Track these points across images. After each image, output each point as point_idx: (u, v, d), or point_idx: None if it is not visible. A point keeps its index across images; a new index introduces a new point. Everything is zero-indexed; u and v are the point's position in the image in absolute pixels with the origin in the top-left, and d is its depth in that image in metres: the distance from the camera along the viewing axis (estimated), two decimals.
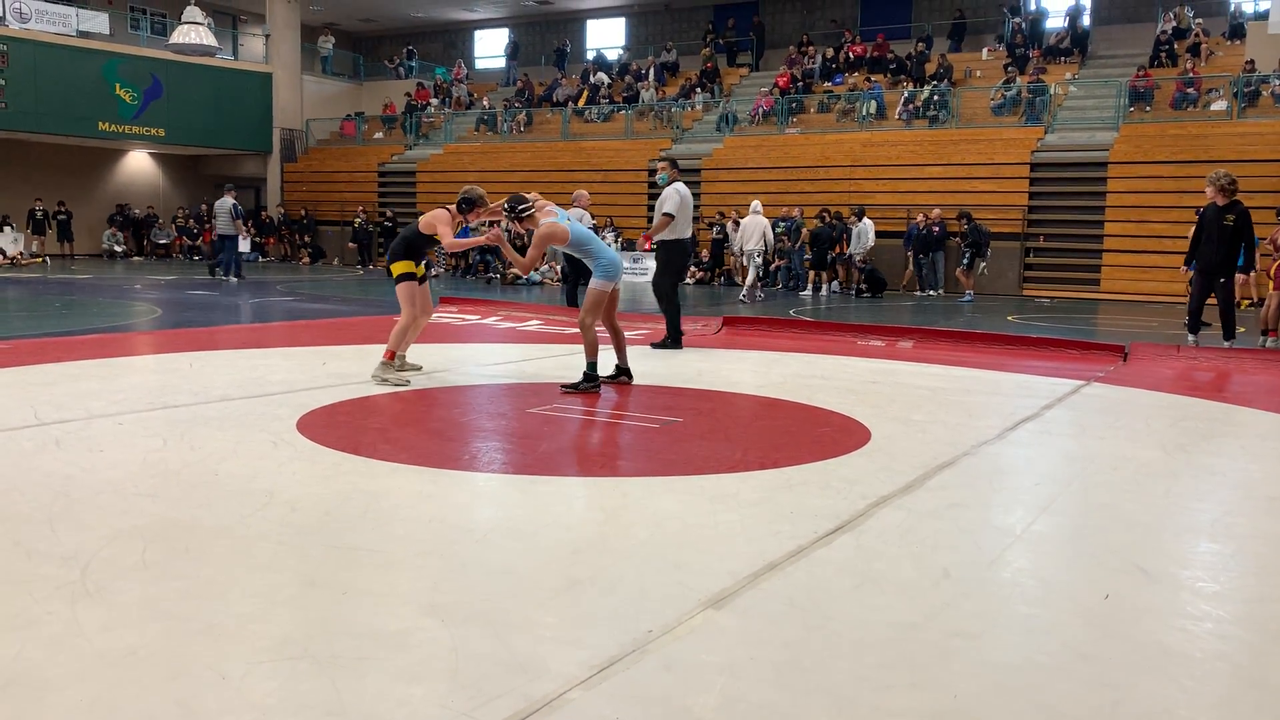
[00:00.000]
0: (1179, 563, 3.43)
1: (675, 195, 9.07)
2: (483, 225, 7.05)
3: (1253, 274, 14.12)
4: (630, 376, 6.96)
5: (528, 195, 6.76)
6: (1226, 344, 9.54)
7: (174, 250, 27.77)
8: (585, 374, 6.53)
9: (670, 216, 9.04)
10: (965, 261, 17.55)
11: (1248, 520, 3.91)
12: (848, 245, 18.58)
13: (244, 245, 18.92)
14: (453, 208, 6.89)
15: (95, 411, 5.35)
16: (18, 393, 5.86)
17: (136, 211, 28.29)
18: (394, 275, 6.92)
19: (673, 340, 9.06)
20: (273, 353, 8.15)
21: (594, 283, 6.62)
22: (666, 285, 9.20)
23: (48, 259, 23.64)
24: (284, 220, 27.61)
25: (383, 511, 3.65)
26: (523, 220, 6.63)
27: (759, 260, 17.86)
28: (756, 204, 18.07)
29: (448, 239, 6.78)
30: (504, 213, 6.70)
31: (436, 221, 6.83)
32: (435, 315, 11.80)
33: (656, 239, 9.23)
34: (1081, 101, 21.62)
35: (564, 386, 6.54)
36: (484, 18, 33.92)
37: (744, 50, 28.11)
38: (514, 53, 31.79)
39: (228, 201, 18.44)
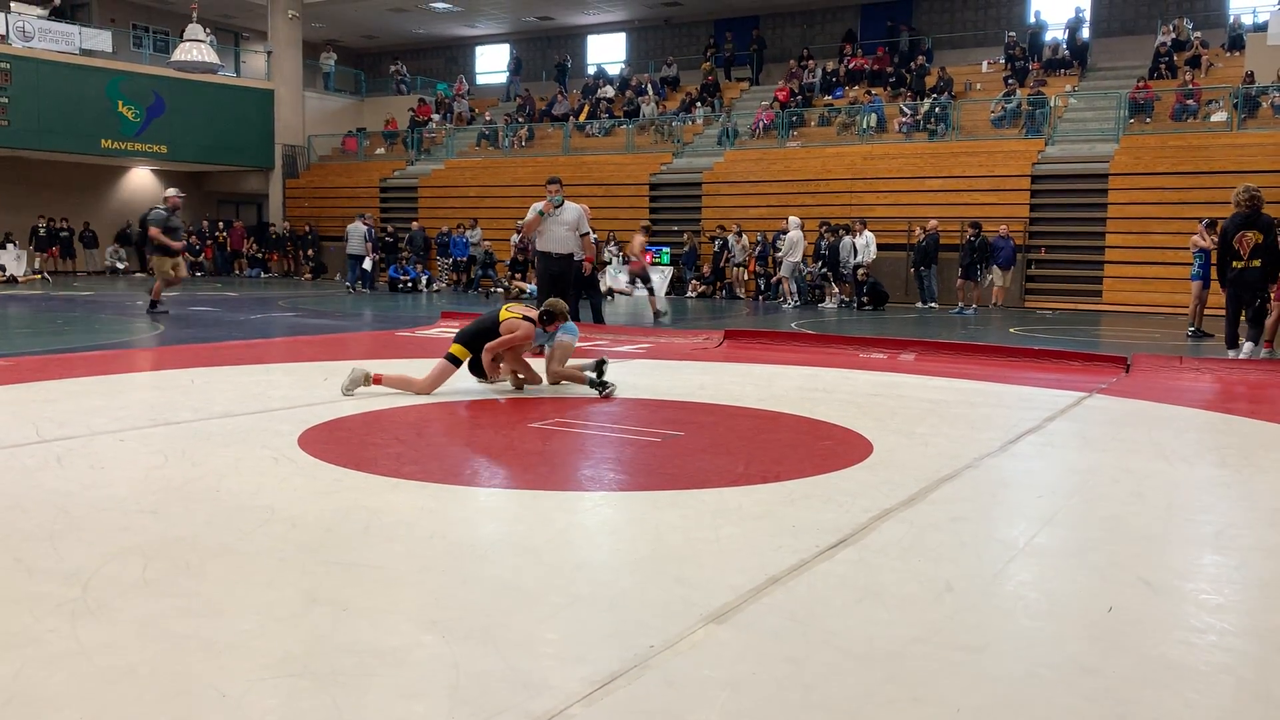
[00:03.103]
0: (1182, 575, 3.42)
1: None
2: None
3: None
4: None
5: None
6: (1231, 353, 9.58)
7: None
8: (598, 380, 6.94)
9: (589, 234, 9.43)
10: (977, 274, 17.53)
11: (1251, 532, 3.90)
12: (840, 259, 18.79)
13: (366, 264, 22.09)
14: (535, 316, 6.95)
15: (97, 428, 5.35)
16: (20, 409, 5.86)
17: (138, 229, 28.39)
18: (450, 351, 6.80)
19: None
20: (274, 368, 8.16)
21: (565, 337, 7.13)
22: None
23: (48, 276, 23.61)
24: (289, 236, 27.68)
25: (384, 527, 3.65)
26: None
27: (805, 271, 18.54)
28: (797, 220, 18.66)
29: (498, 344, 6.77)
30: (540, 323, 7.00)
31: (515, 331, 6.77)
32: (437, 330, 11.83)
33: (557, 253, 9.56)
34: (1082, 113, 21.68)
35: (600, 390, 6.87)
36: (485, 34, 34.07)
37: (743, 64, 28.21)
38: (517, 68, 31.89)
39: (361, 227, 21.76)
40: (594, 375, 6.95)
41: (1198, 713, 2.33)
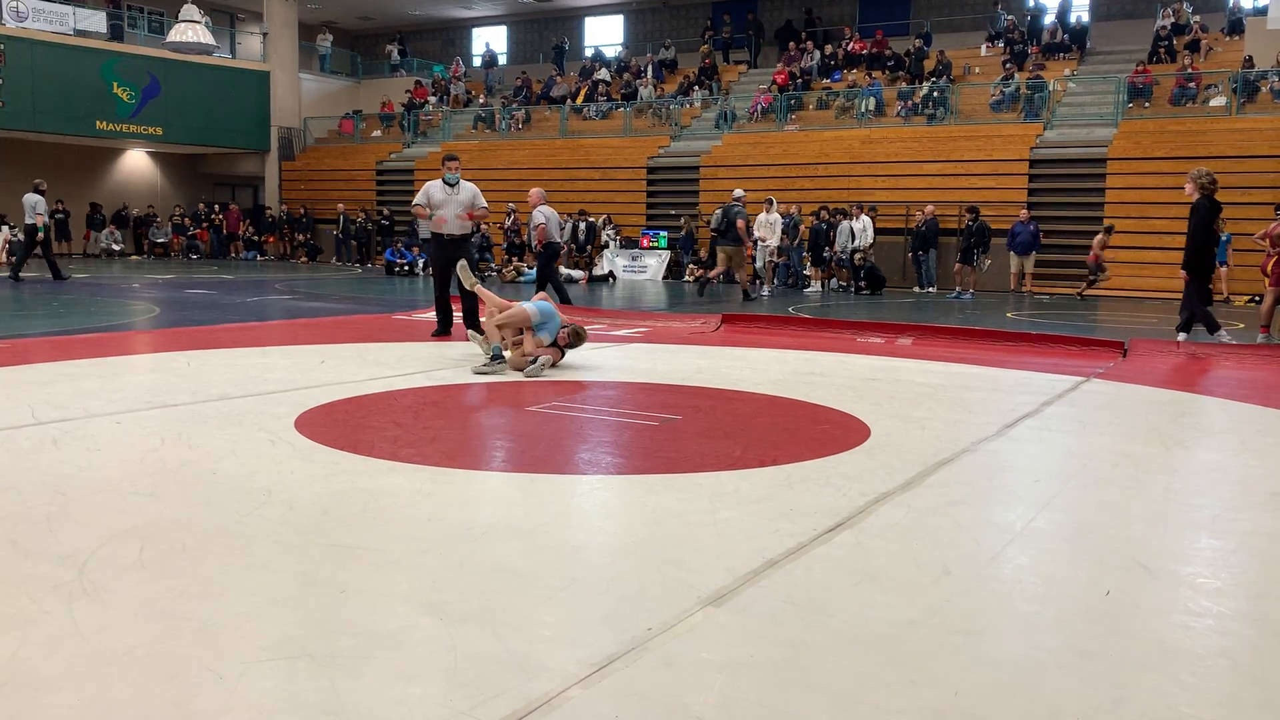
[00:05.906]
0: (1179, 559, 3.43)
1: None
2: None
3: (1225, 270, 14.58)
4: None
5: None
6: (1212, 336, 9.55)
7: (172, 249, 27.76)
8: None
9: (486, 210, 9.42)
10: (974, 258, 17.50)
11: (1248, 516, 3.91)
12: (836, 243, 18.69)
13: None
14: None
15: (93, 410, 5.34)
16: (15, 392, 5.85)
17: (137, 211, 28.28)
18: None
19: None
20: (271, 351, 8.14)
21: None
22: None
23: (8, 259, 23.15)
24: (285, 218, 27.60)
25: (381, 510, 3.65)
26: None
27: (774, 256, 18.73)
28: (774, 201, 18.77)
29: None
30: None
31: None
32: (434, 313, 11.79)
33: (450, 235, 9.40)
34: (1080, 98, 21.61)
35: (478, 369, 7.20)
36: (482, 15, 33.91)
37: (741, 47, 28.09)
38: (492, 61, 31.86)
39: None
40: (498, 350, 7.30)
41: (1194, 696, 2.34)
